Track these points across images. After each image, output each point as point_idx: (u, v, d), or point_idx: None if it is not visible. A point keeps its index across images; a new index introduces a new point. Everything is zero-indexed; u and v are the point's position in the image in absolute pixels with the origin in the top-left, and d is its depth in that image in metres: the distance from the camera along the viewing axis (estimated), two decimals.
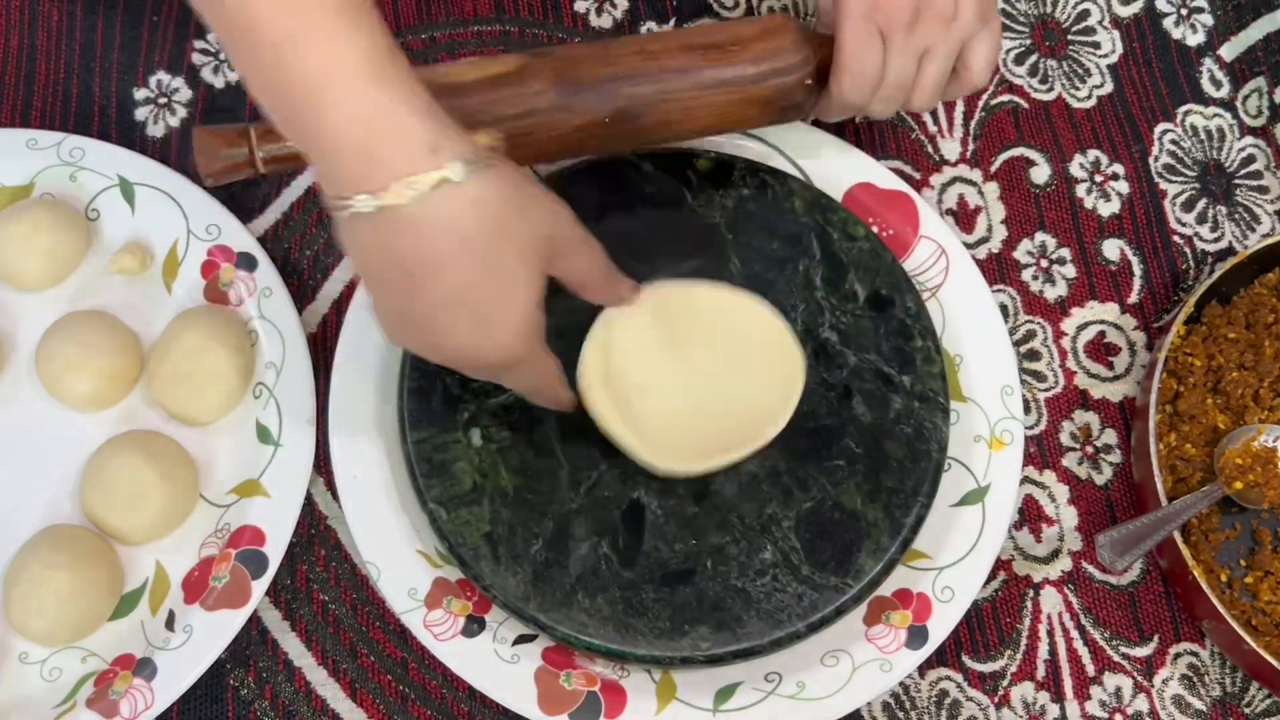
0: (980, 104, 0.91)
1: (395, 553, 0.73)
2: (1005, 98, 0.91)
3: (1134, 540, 0.75)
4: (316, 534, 0.77)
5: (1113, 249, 0.88)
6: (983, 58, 0.76)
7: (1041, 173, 0.89)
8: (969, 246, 0.86)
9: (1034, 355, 0.85)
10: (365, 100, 0.56)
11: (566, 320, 0.72)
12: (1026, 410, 0.83)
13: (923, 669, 0.77)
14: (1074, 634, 0.78)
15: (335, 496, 0.76)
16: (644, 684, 0.72)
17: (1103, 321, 0.86)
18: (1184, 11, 0.95)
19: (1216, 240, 0.89)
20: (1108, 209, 0.89)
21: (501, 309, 0.61)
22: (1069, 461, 0.82)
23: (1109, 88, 0.93)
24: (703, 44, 0.76)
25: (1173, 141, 0.91)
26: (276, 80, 0.57)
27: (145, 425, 0.77)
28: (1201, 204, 0.90)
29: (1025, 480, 0.81)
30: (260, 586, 0.72)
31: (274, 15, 0.56)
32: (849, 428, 0.77)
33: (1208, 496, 0.77)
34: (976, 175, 0.89)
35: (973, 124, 0.90)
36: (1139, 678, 0.78)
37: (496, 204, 0.59)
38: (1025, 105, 0.91)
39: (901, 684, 0.76)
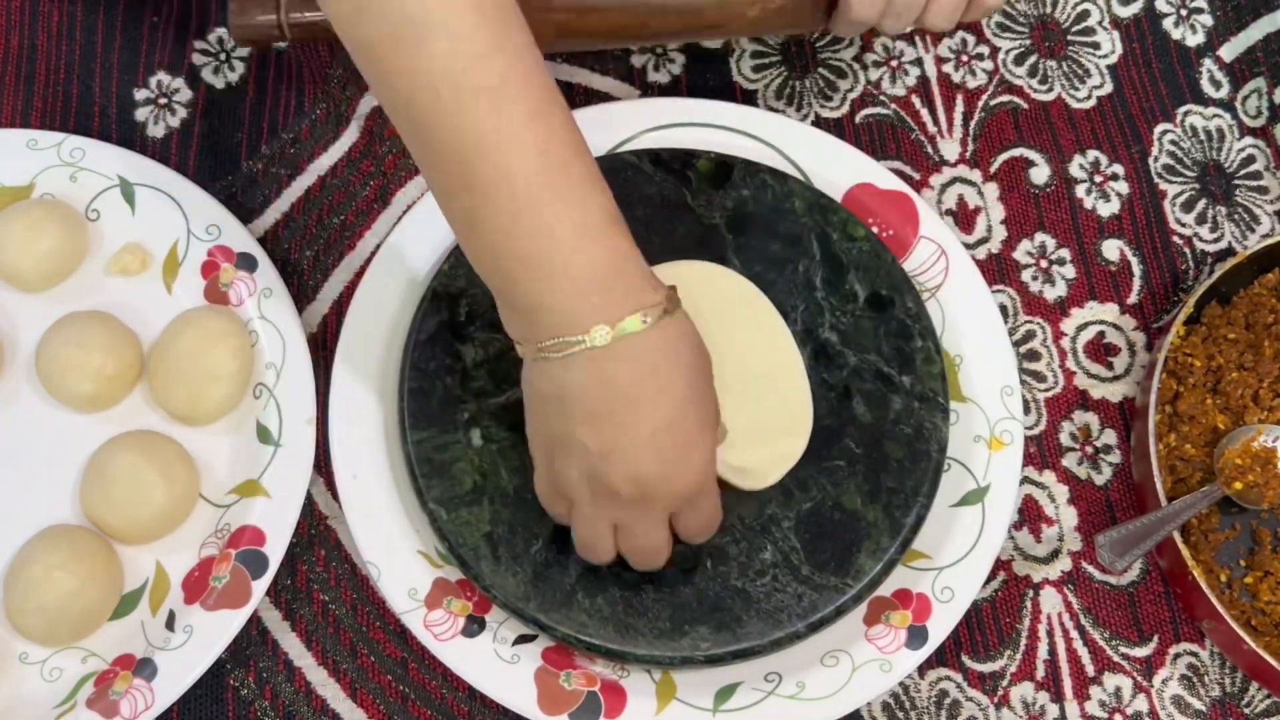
0: (980, 104, 0.91)
1: (395, 553, 0.73)
2: (1005, 98, 0.91)
3: (1134, 540, 0.75)
4: (316, 534, 0.77)
5: (1112, 249, 0.88)
6: None
7: (1041, 173, 0.89)
8: (969, 247, 0.86)
9: (1034, 355, 0.85)
10: (606, 245, 0.63)
11: None
12: (1026, 410, 0.83)
13: (922, 669, 0.77)
14: (1074, 634, 0.78)
15: (335, 496, 0.76)
16: (644, 684, 0.72)
17: (1102, 322, 0.86)
18: (1184, 12, 0.95)
19: (1216, 240, 0.89)
20: (1107, 209, 0.89)
21: (702, 433, 0.66)
22: (1069, 462, 0.82)
23: (1109, 88, 0.93)
24: None
25: (1172, 142, 0.91)
26: (519, 230, 0.62)
27: (145, 425, 0.77)
28: (1201, 204, 0.90)
29: (1025, 480, 0.81)
30: (260, 586, 0.72)
31: (525, 176, 0.61)
32: (849, 428, 0.77)
33: (1207, 497, 0.77)
34: (976, 176, 0.89)
35: (972, 124, 0.90)
36: (1139, 678, 0.78)
37: (697, 335, 0.66)
38: (1025, 106, 0.91)
39: (901, 684, 0.76)
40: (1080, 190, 0.89)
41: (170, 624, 0.73)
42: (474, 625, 0.73)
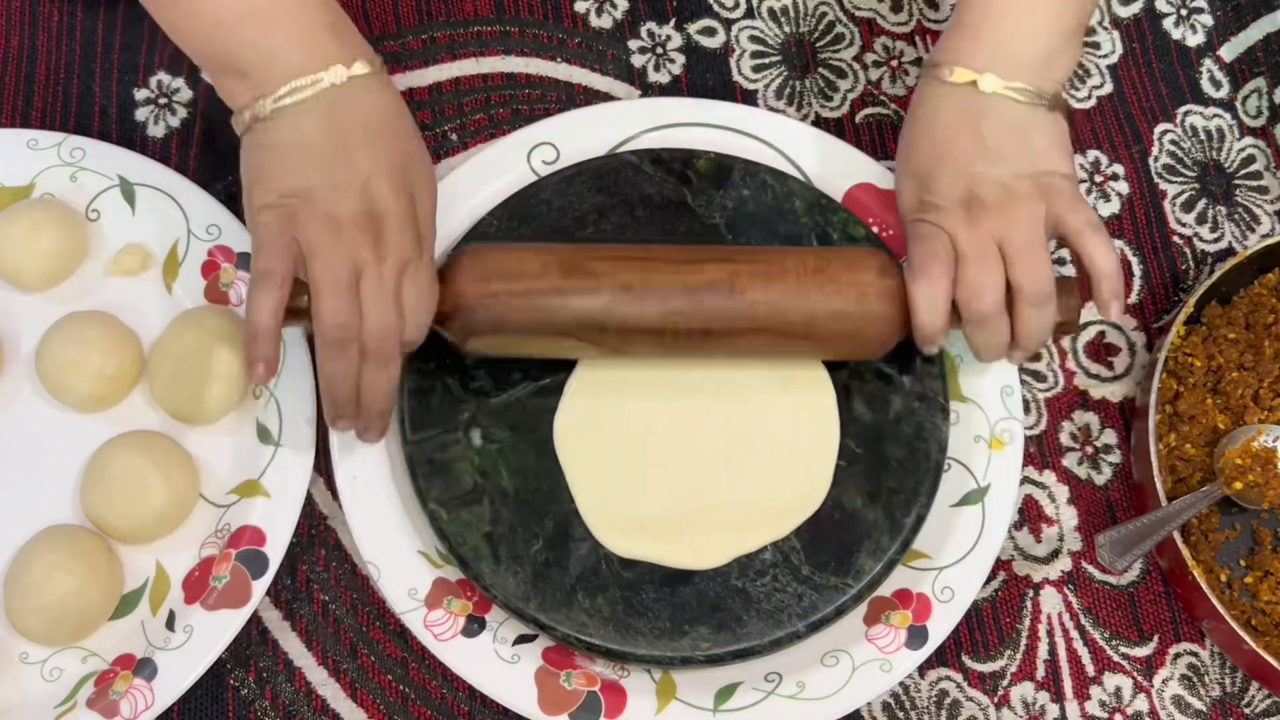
0: None
1: (395, 553, 0.73)
2: None
3: (1134, 540, 0.75)
4: (316, 534, 0.77)
5: None
6: (1076, 220, 0.71)
7: None
8: None
9: (1034, 355, 0.84)
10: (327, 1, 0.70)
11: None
12: (1026, 410, 0.83)
13: (923, 669, 0.77)
14: (1074, 634, 0.78)
15: (335, 496, 0.76)
16: (644, 684, 0.72)
17: (1103, 321, 0.86)
18: (1184, 12, 0.95)
19: (1216, 240, 0.89)
20: (1108, 209, 0.89)
21: (429, 175, 0.72)
22: (1069, 461, 0.82)
23: (1109, 88, 0.93)
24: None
25: (1172, 142, 0.91)
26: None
27: (145, 425, 0.77)
28: (1201, 204, 0.90)
29: (1025, 480, 0.81)
30: (260, 586, 0.72)
31: None
32: (849, 428, 0.77)
33: (1208, 496, 0.77)
34: None
35: None
36: (1139, 678, 0.78)
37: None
38: None
39: (901, 684, 0.76)
40: (1080, 190, 0.89)
41: (170, 624, 0.73)
42: (474, 625, 0.73)
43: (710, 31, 0.92)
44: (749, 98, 0.90)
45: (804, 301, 0.72)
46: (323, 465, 0.77)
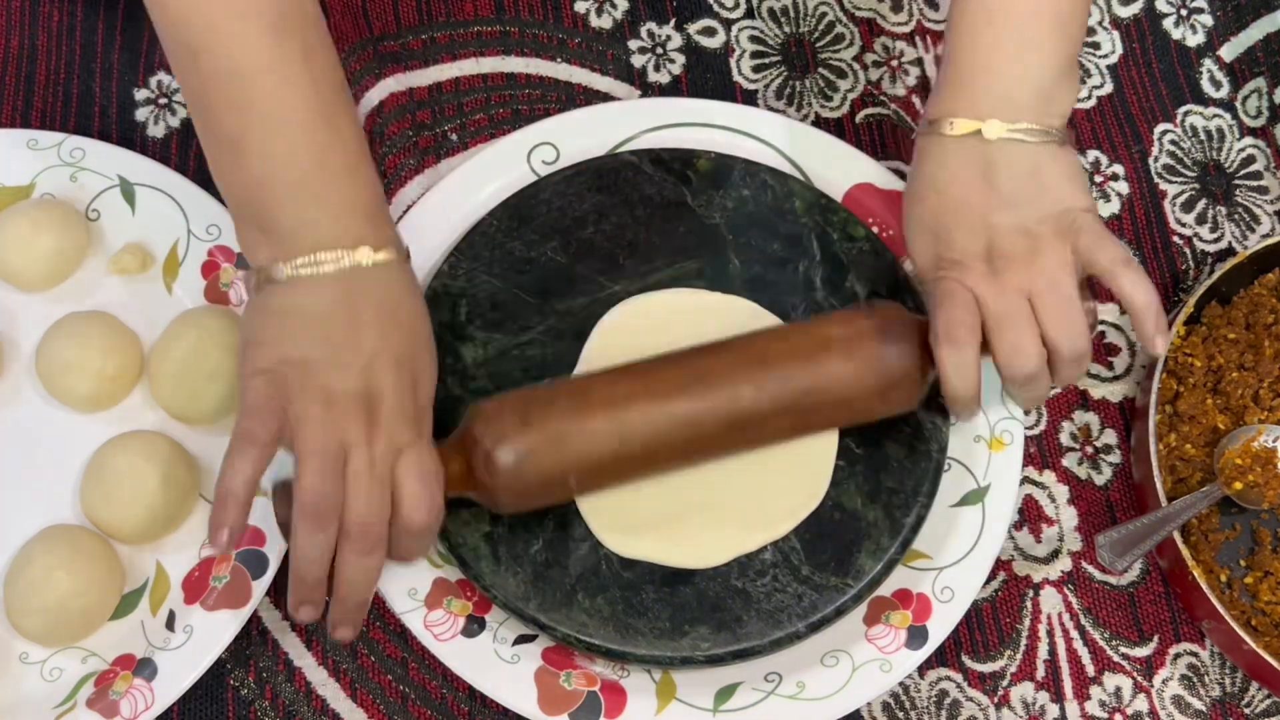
0: None
1: None
2: None
3: (1134, 540, 0.75)
4: None
5: None
6: (1105, 257, 0.70)
7: None
8: None
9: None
10: (371, 179, 0.69)
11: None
12: (1026, 410, 0.83)
13: (923, 669, 0.77)
14: (1074, 634, 0.78)
15: None
16: (644, 684, 0.72)
17: (1103, 321, 0.86)
18: (1184, 12, 0.96)
19: (1216, 240, 0.89)
20: (1107, 209, 0.89)
21: (430, 374, 0.70)
22: (1069, 462, 0.82)
23: (1109, 88, 0.93)
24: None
25: (1172, 142, 0.91)
26: (296, 156, 0.66)
27: (145, 425, 0.77)
28: (1201, 204, 0.90)
29: (1025, 480, 0.81)
30: (260, 586, 0.72)
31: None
32: (849, 428, 0.77)
33: (1207, 497, 0.77)
34: None
35: None
36: (1139, 678, 0.78)
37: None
38: None
39: (901, 684, 0.76)
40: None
41: (170, 624, 0.73)
42: (474, 625, 0.73)
43: (710, 31, 0.92)
44: (749, 98, 0.90)
45: (816, 416, 0.73)
46: None
